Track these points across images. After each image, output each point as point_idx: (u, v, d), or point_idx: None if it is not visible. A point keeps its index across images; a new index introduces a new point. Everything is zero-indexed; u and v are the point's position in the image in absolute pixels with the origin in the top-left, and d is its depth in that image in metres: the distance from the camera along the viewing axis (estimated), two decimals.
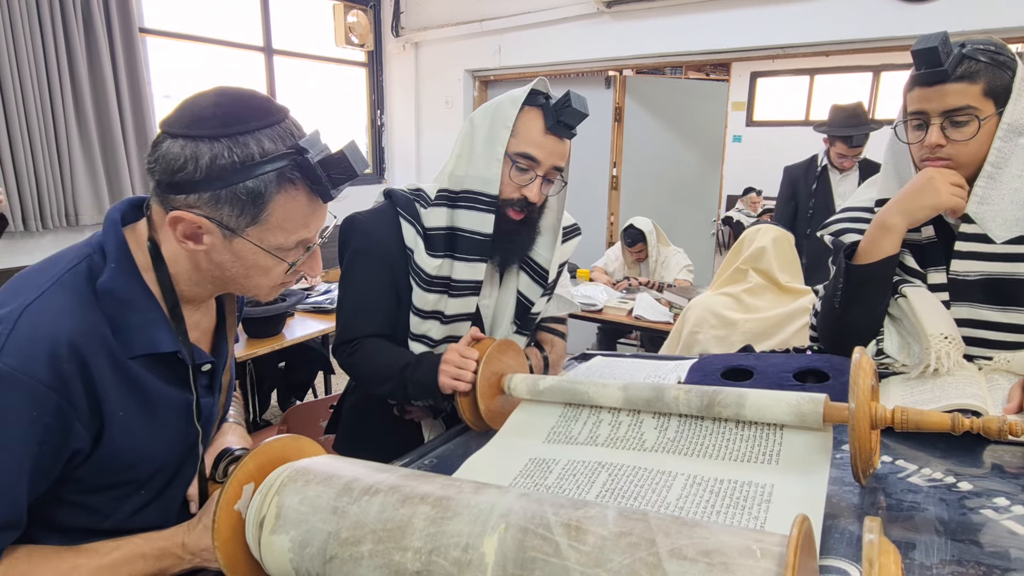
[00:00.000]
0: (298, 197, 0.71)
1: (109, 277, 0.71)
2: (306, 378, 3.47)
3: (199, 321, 0.82)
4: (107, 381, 0.69)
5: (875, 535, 0.39)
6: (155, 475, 0.78)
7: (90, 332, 0.68)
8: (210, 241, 0.71)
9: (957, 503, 0.74)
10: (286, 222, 0.71)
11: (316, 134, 0.73)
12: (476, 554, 0.49)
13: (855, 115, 2.98)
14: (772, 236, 1.92)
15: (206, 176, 0.67)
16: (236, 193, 0.68)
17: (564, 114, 1.08)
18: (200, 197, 0.68)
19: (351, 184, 0.75)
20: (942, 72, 0.95)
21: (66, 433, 0.67)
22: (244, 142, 0.68)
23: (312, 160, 0.69)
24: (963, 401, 0.86)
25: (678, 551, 0.43)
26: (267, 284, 0.77)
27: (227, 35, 4.13)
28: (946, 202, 0.98)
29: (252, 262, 0.73)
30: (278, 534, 0.60)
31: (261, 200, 0.69)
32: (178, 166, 0.68)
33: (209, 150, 0.67)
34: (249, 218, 0.70)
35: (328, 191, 0.72)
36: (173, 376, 0.77)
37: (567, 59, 4.18)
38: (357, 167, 0.72)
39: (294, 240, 0.73)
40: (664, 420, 0.88)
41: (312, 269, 0.79)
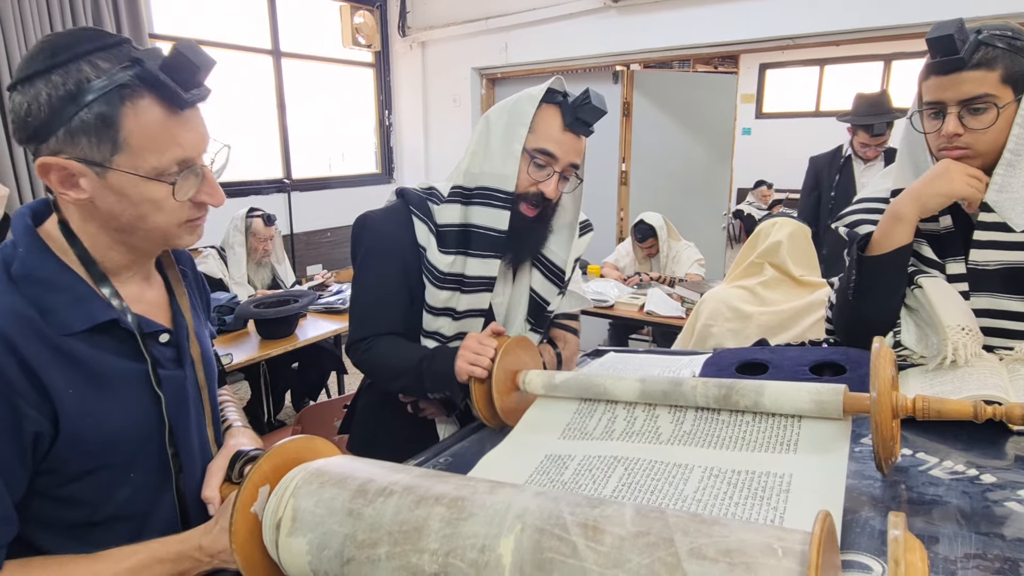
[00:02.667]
0: (150, 109, 0.69)
1: (20, 262, 0.71)
2: (319, 378, 3.49)
3: (142, 294, 0.81)
4: (44, 362, 0.68)
5: (900, 531, 0.38)
6: (135, 456, 0.77)
7: (12, 317, 0.67)
8: (88, 185, 0.70)
9: (980, 495, 0.72)
10: (149, 140, 0.69)
11: (156, 48, 0.71)
12: (493, 555, 0.49)
13: (877, 104, 2.93)
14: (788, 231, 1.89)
15: (50, 112, 0.66)
16: (84, 121, 0.66)
17: (583, 111, 1.08)
18: (57, 139, 0.67)
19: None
20: (958, 60, 0.93)
21: (19, 418, 0.66)
22: (76, 67, 0.66)
23: (150, 68, 0.67)
24: (985, 392, 0.85)
25: (698, 550, 0.42)
26: (168, 221, 0.74)
27: (235, 39, 4.15)
28: (959, 190, 0.97)
29: (137, 196, 0.71)
30: (295, 536, 0.60)
31: (111, 121, 0.67)
32: (24, 112, 0.67)
33: (45, 86, 0.66)
34: (109, 144, 0.68)
35: (179, 95, 0.69)
36: (121, 348, 0.76)
37: (574, 55, 4.17)
38: (199, 62, 0.70)
39: (168, 159, 0.70)
40: (680, 413, 0.87)
41: (210, 195, 0.76)
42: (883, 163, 3.00)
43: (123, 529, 0.78)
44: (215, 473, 0.83)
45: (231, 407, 1.01)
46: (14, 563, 0.69)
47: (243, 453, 0.85)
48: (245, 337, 2.87)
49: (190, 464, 0.84)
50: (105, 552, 0.73)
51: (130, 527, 0.79)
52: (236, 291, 3.13)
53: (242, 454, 0.84)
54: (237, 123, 4.24)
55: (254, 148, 4.36)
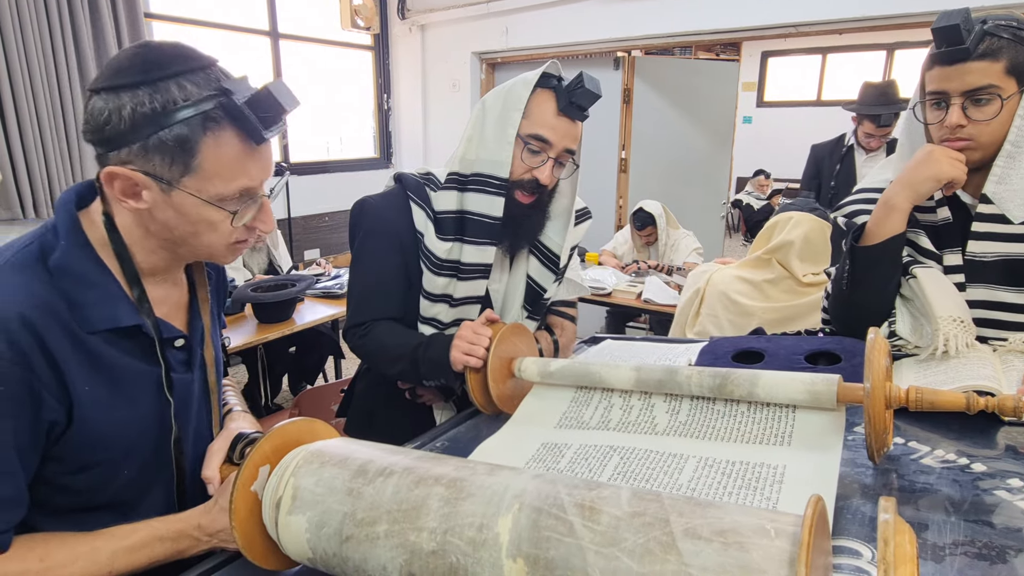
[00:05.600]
0: (229, 141, 0.70)
1: (60, 254, 0.71)
2: (317, 363, 3.50)
3: (167, 296, 0.82)
4: (67, 356, 0.69)
5: (890, 514, 0.39)
6: (132, 451, 0.78)
7: (42, 307, 0.68)
8: (150, 197, 0.70)
9: (970, 484, 0.74)
10: (221, 168, 0.70)
11: (244, 79, 0.72)
12: (491, 534, 0.50)
13: (885, 94, 2.90)
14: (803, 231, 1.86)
15: (131, 126, 0.67)
16: (163, 140, 0.67)
17: (577, 95, 1.07)
18: (130, 150, 0.68)
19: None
20: (964, 50, 0.93)
21: (38, 405, 0.67)
22: (165, 87, 0.67)
23: (237, 101, 0.68)
24: (977, 382, 0.86)
25: (692, 530, 0.43)
26: (219, 242, 0.76)
27: (233, 19, 4.11)
28: (946, 171, 0.97)
29: (196, 216, 0.72)
30: (295, 515, 0.61)
31: (190, 146, 0.68)
32: (103, 120, 0.67)
33: (131, 99, 0.66)
34: (182, 166, 0.68)
35: (259, 132, 0.70)
36: (138, 350, 0.77)
37: (575, 40, 4.13)
38: (285, 103, 0.71)
39: (234, 188, 0.72)
40: (676, 403, 0.88)
41: (264, 223, 0.78)
42: (885, 154, 2.99)
43: (117, 515, 0.79)
44: (215, 453, 0.84)
45: (230, 391, 1.02)
46: (16, 539, 0.70)
47: (244, 435, 0.85)
48: (242, 321, 2.87)
49: (191, 459, 0.85)
50: (105, 529, 0.74)
51: (123, 512, 0.80)
52: (232, 275, 3.13)
53: (243, 436, 0.85)
54: None
55: None
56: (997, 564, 0.60)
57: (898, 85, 2.96)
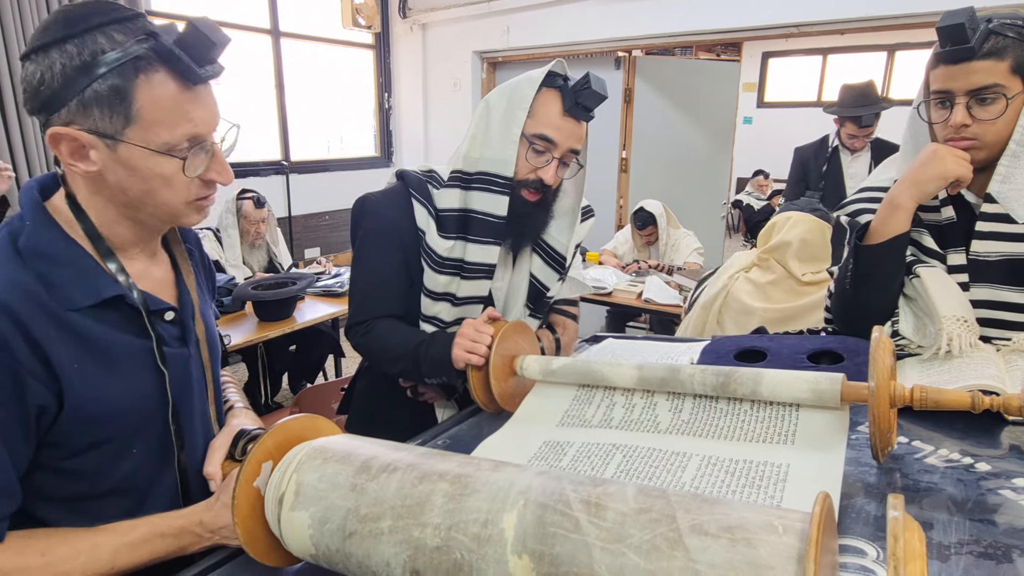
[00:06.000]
0: (164, 83, 0.69)
1: (27, 236, 0.71)
2: (317, 361, 3.50)
3: (147, 270, 0.81)
4: (49, 336, 0.68)
5: (899, 511, 0.39)
6: (137, 431, 0.78)
7: (17, 290, 0.67)
8: (97, 157, 0.70)
9: (975, 483, 0.73)
10: (161, 114, 0.69)
11: (172, 24, 0.71)
12: (496, 530, 0.49)
13: (865, 94, 2.93)
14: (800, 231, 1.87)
15: (63, 82, 0.66)
16: (98, 92, 0.66)
17: (583, 96, 1.07)
18: (69, 109, 0.67)
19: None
20: (968, 49, 0.93)
21: (22, 391, 0.67)
22: (92, 39, 0.66)
23: (166, 42, 0.68)
24: (981, 382, 0.86)
25: (699, 527, 0.43)
26: (176, 199, 0.74)
27: (234, 17, 4.10)
28: (952, 170, 0.97)
29: (147, 171, 0.71)
30: (298, 511, 0.60)
31: (124, 93, 0.67)
32: (37, 82, 0.67)
33: (59, 55, 0.66)
34: (122, 117, 0.68)
35: (193, 70, 0.69)
36: (127, 323, 0.76)
37: (576, 40, 4.13)
38: (215, 38, 0.70)
39: (179, 134, 0.70)
40: (678, 402, 0.87)
41: (219, 173, 0.76)
42: (870, 154, 3.01)
43: (123, 503, 0.78)
44: (217, 450, 0.84)
45: (232, 388, 1.01)
46: (15, 534, 0.70)
47: (246, 432, 0.85)
48: (243, 319, 2.86)
49: (192, 441, 0.84)
50: (107, 525, 0.74)
51: (130, 502, 0.79)
52: (233, 273, 3.13)
53: (245, 433, 0.85)
54: (235, 104, 4.20)
55: (252, 130, 4.33)
56: (1003, 563, 0.59)
57: (876, 85, 2.98)
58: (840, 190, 3.01)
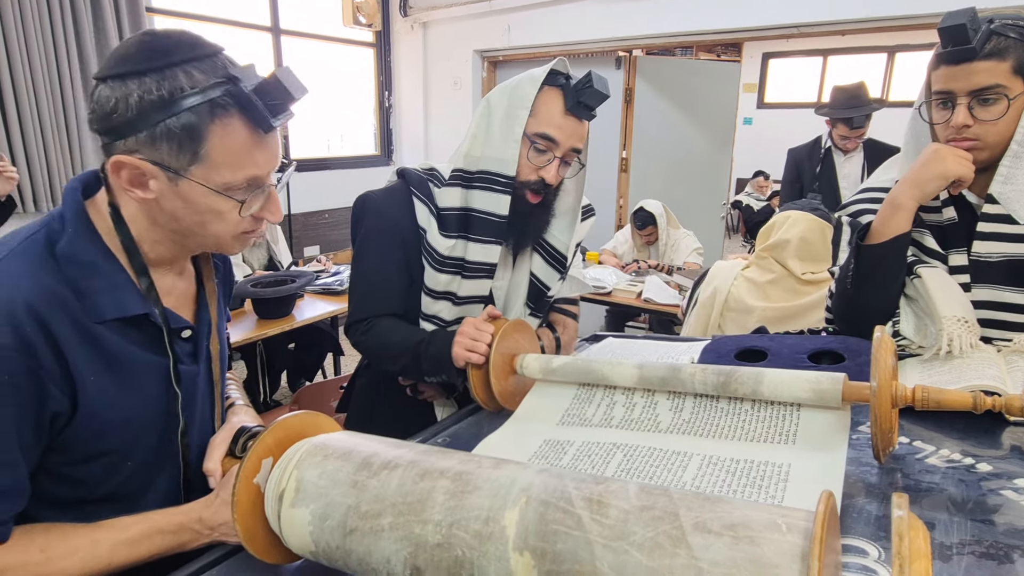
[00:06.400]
0: (237, 129, 0.69)
1: (67, 242, 0.71)
2: (316, 359, 3.49)
3: (174, 286, 0.81)
4: (72, 345, 0.68)
5: (904, 511, 0.39)
6: (138, 443, 0.78)
7: (48, 296, 0.67)
8: (157, 187, 0.70)
9: (976, 484, 0.73)
10: (229, 157, 0.70)
11: (251, 67, 0.71)
12: (497, 527, 0.49)
13: (855, 96, 2.95)
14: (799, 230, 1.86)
15: (138, 114, 0.66)
16: (171, 128, 0.67)
17: (585, 95, 1.06)
18: (137, 139, 0.67)
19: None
20: (970, 50, 0.93)
21: (42, 395, 0.67)
22: (172, 75, 0.66)
23: (245, 88, 0.68)
24: (982, 382, 0.86)
25: (702, 524, 0.43)
26: (226, 232, 0.75)
27: (234, 15, 4.10)
28: (953, 169, 0.97)
29: (203, 206, 0.71)
30: (298, 507, 0.60)
31: (197, 134, 0.67)
32: (110, 108, 0.67)
33: (138, 87, 0.66)
34: (189, 155, 0.68)
35: (267, 119, 0.70)
36: (147, 340, 0.76)
37: (577, 39, 4.13)
38: (293, 91, 0.70)
39: (242, 177, 0.71)
40: (679, 401, 0.87)
41: (271, 213, 0.77)
42: (863, 154, 3.03)
43: (119, 507, 0.78)
44: (217, 446, 0.83)
45: (232, 385, 1.01)
46: (15, 530, 0.70)
47: (246, 429, 0.85)
48: (242, 316, 2.86)
49: (192, 445, 0.84)
50: (106, 521, 0.74)
51: (125, 506, 0.79)
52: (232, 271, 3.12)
53: (245, 430, 0.84)
54: None
55: None
56: (1004, 564, 0.59)
57: (867, 86, 2.99)
58: (834, 191, 3.03)
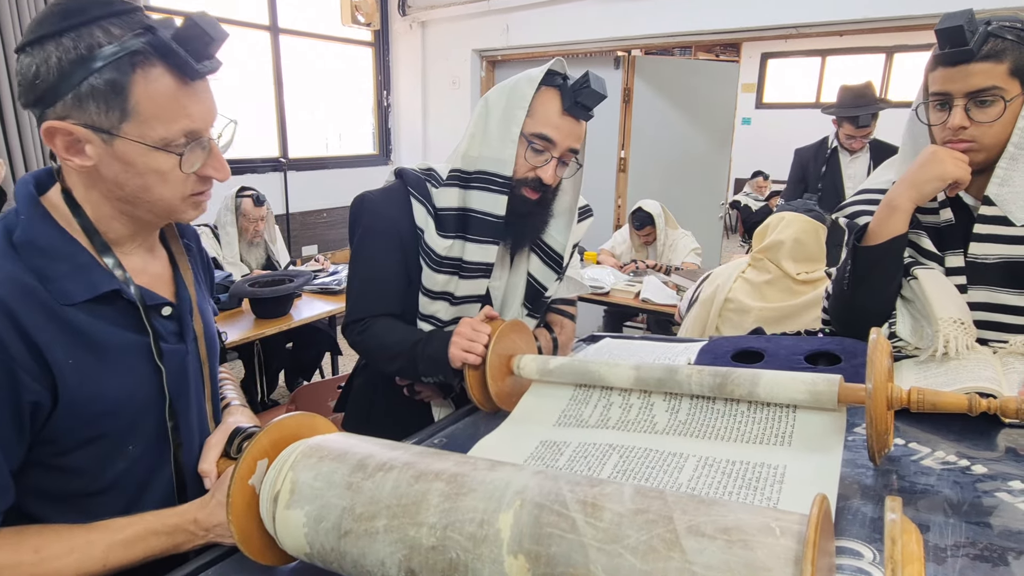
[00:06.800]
0: (160, 78, 0.68)
1: (22, 230, 0.70)
2: (313, 359, 3.49)
3: (145, 265, 0.81)
4: (44, 332, 0.67)
5: (897, 514, 0.39)
6: (133, 426, 0.77)
7: (11, 285, 0.67)
8: (94, 152, 0.69)
9: (971, 486, 0.73)
10: (158, 109, 0.68)
11: (170, 18, 0.71)
12: (491, 530, 0.49)
13: (862, 95, 2.95)
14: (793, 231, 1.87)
15: (59, 75, 0.66)
16: (94, 86, 0.66)
17: (582, 95, 1.06)
18: (65, 103, 0.66)
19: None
20: (967, 52, 0.93)
21: (15, 386, 0.66)
22: (88, 32, 0.66)
23: (164, 36, 0.67)
24: (978, 384, 0.86)
25: (696, 528, 0.43)
26: (172, 194, 0.74)
27: (233, 13, 4.09)
28: (951, 171, 0.97)
29: (143, 166, 0.70)
30: (293, 509, 0.60)
31: (121, 87, 0.66)
32: (32, 75, 0.67)
33: (55, 48, 0.65)
34: (118, 112, 0.67)
35: (191, 65, 0.68)
36: (124, 319, 0.75)
37: (576, 39, 4.13)
38: (213, 33, 0.70)
39: (176, 130, 0.70)
40: (675, 402, 0.87)
41: (216, 169, 0.76)
42: (869, 154, 3.03)
43: (119, 501, 0.78)
44: (213, 447, 0.83)
45: (229, 385, 1.01)
46: (9, 530, 0.69)
47: (242, 430, 0.84)
48: (239, 316, 2.86)
49: (188, 438, 0.84)
50: (100, 522, 0.73)
51: (126, 499, 0.79)
52: (230, 270, 3.12)
53: (241, 430, 0.84)
54: (233, 100, 4.19)
55: (250, 126, 4.32)
56: (999, 566, 0.59)
57: (874, 86, 3.00)
58: (839, 191, 3.03)
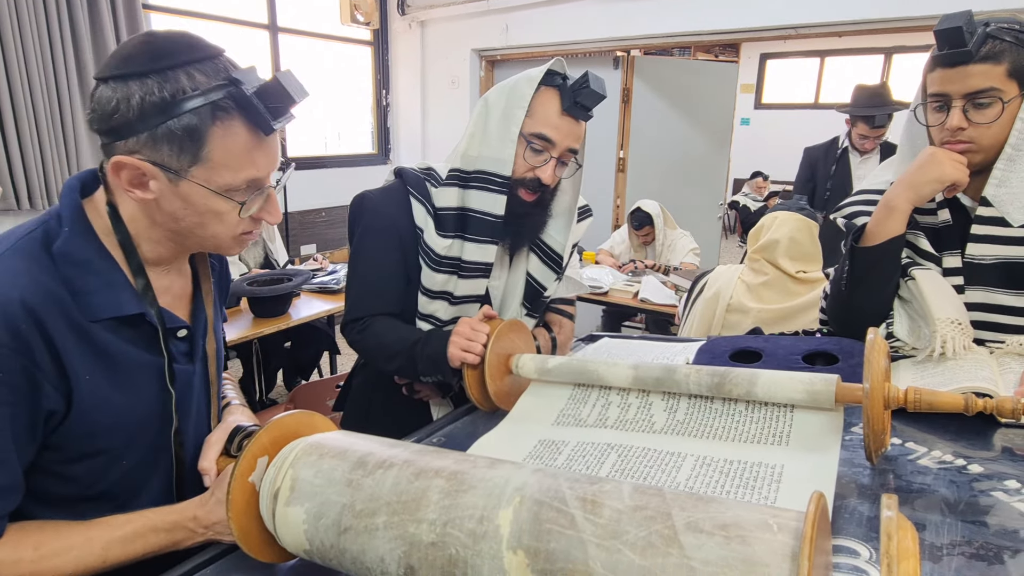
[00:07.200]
0: (237, 131, 0.70)
1: (64, 240, 0.71)
2: (312, 358, 3.49)
3: (171, 286, 0.81)
4: (68, 343, 0.68)
5: (893, 512, 0.39)
6: (132, 442, 0.78)
7: (44, 294, 0.67)
8: (157, 188, 0.70)
9: (967, 485, 0.74)
10: (229, 159, 0.70)
11: (252, 69, 0.71)
12: (491, 526, 0.49)
13: (878, 95, 2.94)
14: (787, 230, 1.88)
15: (139, 115, 0.66)
16: (172, 130, 0.67)
17: (581, 95, 1.07)
18: (138, 140, 0.67)
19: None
20: (966, 53, 0.93)
21: (37, 394, 0.67)
22: (174, 77, 0.67)
23: (247, 90, 0.68)
24: (974, 384, 0.86)
25: (694, 524, 0.43)
26: (225, 233, 0.75)
27: (232, 12, 4.09)
28: (949, 173, 0.97)
29: (203, 207, 0.72)
30: (293, 506, 0.60)
31: (198, 135, 0.68)
32: (111, 108, 0.67)
33: (139, 88, 0.66)
34: (190, 156, 0.68)
35: (268, 122, 0.70)
36: (142, 340, 0.76)
37: (575, 39, 4.13)
38: (294, 93, 0.71)
39: (242, 179, 0.72)
40: (674, 402, 0.88)
41: (270, 214, 0.78)
42: (879, 156, 3.02)
43: (114, 505, 0.78)
44: (213, 445, 0.83)
45: (228, 384, 1.01)
46: (10, 527, 0.70)
47: (242, 428, 0.85)
48: (238, 315, 2.85)
49: (188, 439, 0.84)
50: (100, 519, 0.74)
51: (119, 503, 0.79)
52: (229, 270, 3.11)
53: (241, 429, 0.84)
54: None
55: None
56: (994, 564, 0.60)
57: (891, 87, 2.99)
58: (847, 191, 3.01)
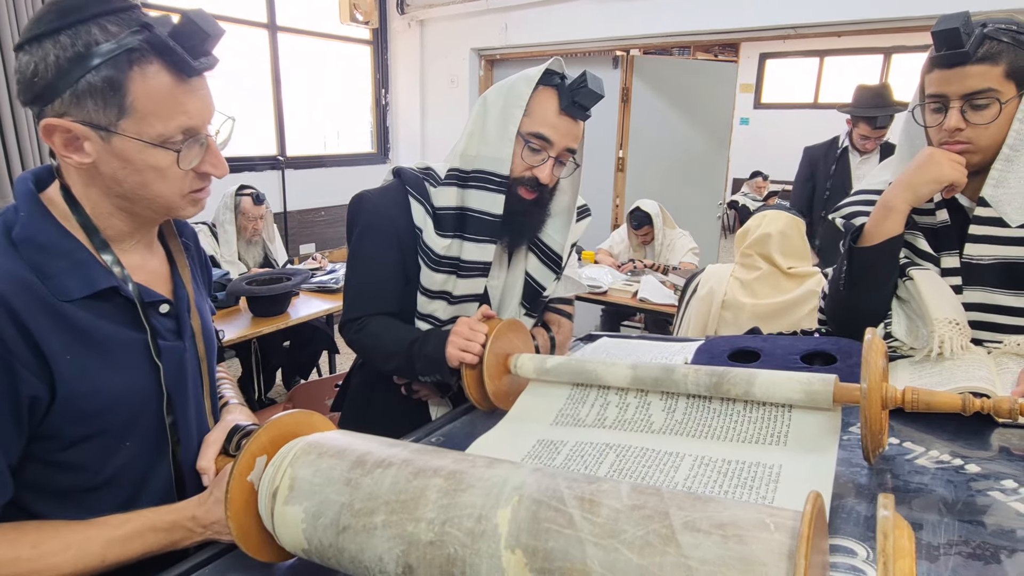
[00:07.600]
0: (158, 75, 0.69)
1: (21, 226, 0.71)
2: (311, 357, 3.49)
3: (143, 263, 0.81)
4: (42, 326, 0.68)
5: (889, 511, 0.39)
6: (132, 423, 0.78)
7: (10, 279, 0.67)
8: (92, 149, 0.70)
9: (964, 485, 0.74)
10: (155, 106, 0.69)
11: (167, 15, 0.71)
12: (489, 525, 0.50)
13: (880, 96, 2.94)
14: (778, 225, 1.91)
15: (57, 73, 0.66)
16: (91, 83, 0.66)
17: (579, 95, 1.07)
18: (62, 101, 0.67)
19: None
20: (963, 54, 0.94)
21: (14, 381, 0.67)
22: (86, 30, 0.66)
23: (160, 33, 0.68)
24: (972, 384, 0.86)
25: (692, 523, 0.43)
26: (170, 191, 0.74)
27: (230, 11, 4.09)
28: (947, 174, 0.98)
29: (141, 163, 0.71)
30: (291, 505, 0.60)
31: (118, 84, 0.67)
32: (31, 73, 0.67)
33: (53, 47, 0.66)
34: (116, 109, 0.68)
35: (188, 62, 0.69)
36: (122, 316, 0.76)
37: (574, 38, 4.13)
38: (208, 29, 0.70)
39: (174, 127, 0.71)
40: (672, 402, 0.88)
41: (214, 166, 0.76)
42: (879, 156, 3.01)
43: (117, 497, 0.78)
44: (211, 444, 0.83)
45: (226, 384, 1.01)
46: (7, 526, 0.70)
47: (240, 427, 0.85)
48: (237, 314, 2.85)
49: (187, 436, 0.84)
50: (99, 519, 0.73)
51: (124, 495, 0.79)
52: (227, 268, 3.11)
53: (239, 428, 0.85)
54: (231, 98, 4.18)
55: (248, 124, 4.32)
56: (991, 564, 0.60)
57: (892, 88, 2.99)
58: (846, 191, 3.01)
